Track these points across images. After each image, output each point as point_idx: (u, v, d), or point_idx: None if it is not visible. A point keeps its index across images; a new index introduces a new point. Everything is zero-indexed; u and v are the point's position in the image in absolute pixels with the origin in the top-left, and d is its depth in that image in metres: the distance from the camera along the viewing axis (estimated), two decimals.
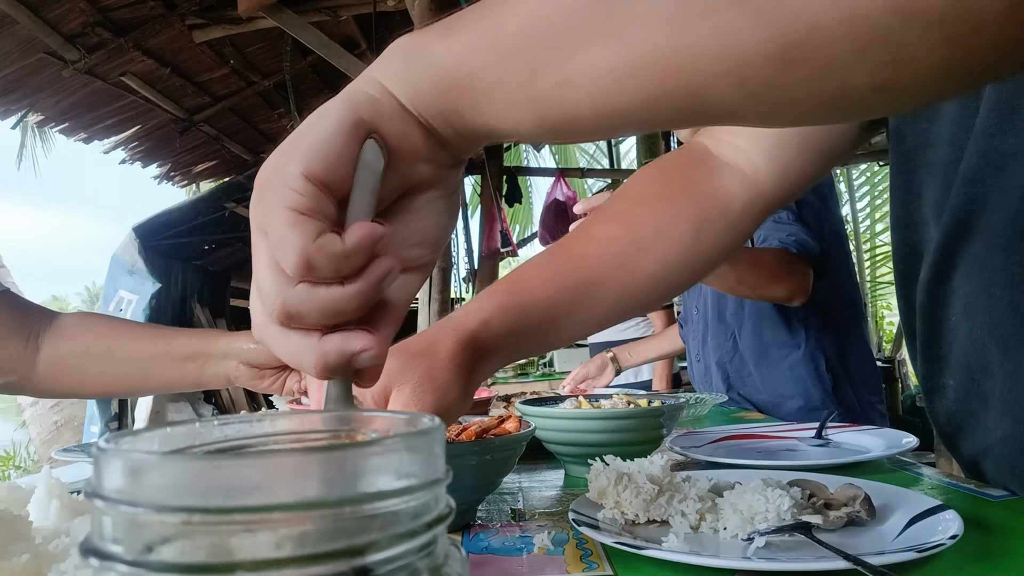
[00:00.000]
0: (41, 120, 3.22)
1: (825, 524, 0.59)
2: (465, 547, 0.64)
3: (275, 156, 0.37)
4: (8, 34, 2.57)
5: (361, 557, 0.23)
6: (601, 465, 0.67)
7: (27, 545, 0.41)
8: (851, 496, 0.62)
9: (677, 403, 0.96)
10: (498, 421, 0.79)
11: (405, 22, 2.92)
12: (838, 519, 0.60)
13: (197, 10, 2.90)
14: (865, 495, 0.62)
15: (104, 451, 0.24)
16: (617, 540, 0.57)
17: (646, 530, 0.63)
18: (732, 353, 1.61)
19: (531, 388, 3.28)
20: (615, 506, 0.64)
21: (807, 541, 0.55)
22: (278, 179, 0.36)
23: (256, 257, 0.37)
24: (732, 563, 0.53)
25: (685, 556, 0.53)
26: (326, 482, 0.24)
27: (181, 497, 0.23)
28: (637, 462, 0.69)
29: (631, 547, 0.55)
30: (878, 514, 0.62)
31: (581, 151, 8.06)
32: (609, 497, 0.65)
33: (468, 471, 0.67)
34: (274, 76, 3.55)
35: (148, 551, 0.23)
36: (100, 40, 2.80)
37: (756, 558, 0.54)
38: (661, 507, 0.63)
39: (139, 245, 4.09)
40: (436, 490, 0.27)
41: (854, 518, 0.61)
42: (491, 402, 1.20)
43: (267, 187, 0.36)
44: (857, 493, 0.62)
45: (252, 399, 4.83)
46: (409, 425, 0.32)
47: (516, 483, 0.91)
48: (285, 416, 0.36)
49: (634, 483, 0.64)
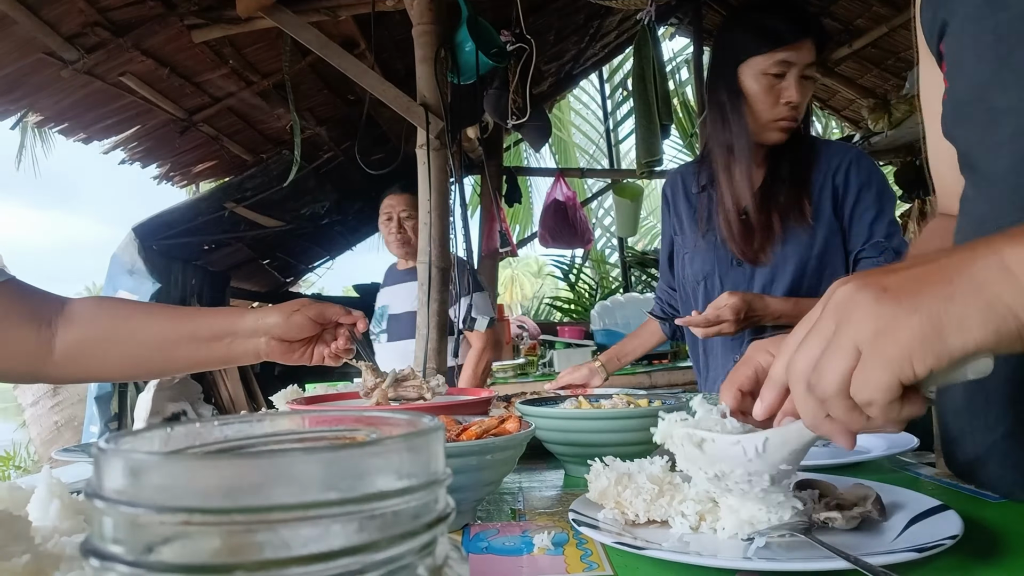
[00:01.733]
0: (40, 120, 3.21)
1: (840, 524, 0.59)
2: (465, 547, 0.64)
3: (909, 331, 0.45)
4: (7, 34, 2.56)
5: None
6: (601, 466, 0.67)
7: (27, 545, 0.41)
8: (862, 496, 0.62)
9: (677, 403, 0.96)
10: (498, 421, 0.79)
11: (404, 22, 2.91)
12: (852, 519, 0.60)
13: (196, 10, 2.90)
14: (876, 495, 0.62)
15: (104, 451, 0.24)
16: (617, 540, 0.57)
17: (646, 530, 0.63)
18: (739, 350, 1.61)
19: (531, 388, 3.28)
20: (615, 506, 0.64)
21: (807, 541, 0.55)
22: (904, 356, 0.44)
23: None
24: (732, 563, 0.53)
25: (685, 556, 0.53)
26: (326, 482, 0.24)
27: (181, 497, 0.23)
28: (637, 462, 0.69)
29: (631, 547, 0.55)
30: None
31: (581, 151, 8.06)
32: (609, 497, 0.65)
33: (468, 471, 0.67)
34: (273, 76, 3.55)
35: (148, 551, 0.23)
36: (99, 40, 2.80)
37: (756, 558, 0.54)
38: (661, 507, 0.63)
39: (139, 245, 4.09)
40: (436, 490, 0.27)
41: (867, 518, 0.61)
42: (491, 402, 1.20)
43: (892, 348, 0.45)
44: (868, 493, 0.62)
45: (252, 399, 4.82)
46: (409, 426, 0.32)
47: (516, 483, 0.91)
48: (285, 416, 0.36)
49: (634, 483, 0.64)
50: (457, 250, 2.63)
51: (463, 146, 3.86)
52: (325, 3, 2.87)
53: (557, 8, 4.41)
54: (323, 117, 4.23)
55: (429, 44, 2.66)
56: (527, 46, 3.12)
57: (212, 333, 1.01)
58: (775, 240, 1.55)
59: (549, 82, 5.19)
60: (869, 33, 4.50)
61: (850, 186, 1.54)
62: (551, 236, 5.12)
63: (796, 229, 1.53)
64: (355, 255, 6.59)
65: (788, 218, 1.54)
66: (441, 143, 2.60)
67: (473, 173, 5.24)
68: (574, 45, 5.18)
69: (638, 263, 6.29)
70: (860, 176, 1.54)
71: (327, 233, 5.74)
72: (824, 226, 1.54)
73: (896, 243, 1.52)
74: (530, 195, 7.68)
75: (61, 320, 0.99)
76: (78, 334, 0.99)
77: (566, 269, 6.87)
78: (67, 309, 1.00)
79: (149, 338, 1.01)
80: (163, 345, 1.01)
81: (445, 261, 2.56)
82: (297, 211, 4.92)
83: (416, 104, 2.61)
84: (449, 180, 2.64)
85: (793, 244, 1.54)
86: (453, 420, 0.82)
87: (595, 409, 0.93)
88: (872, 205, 1.53)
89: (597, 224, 7.76)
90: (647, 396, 1.08)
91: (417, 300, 2.46)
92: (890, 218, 1.54)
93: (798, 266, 1.54)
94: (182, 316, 1.04)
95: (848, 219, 1.55)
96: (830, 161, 1.56)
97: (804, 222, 1.53)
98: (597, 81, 6.84)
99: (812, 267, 1.54)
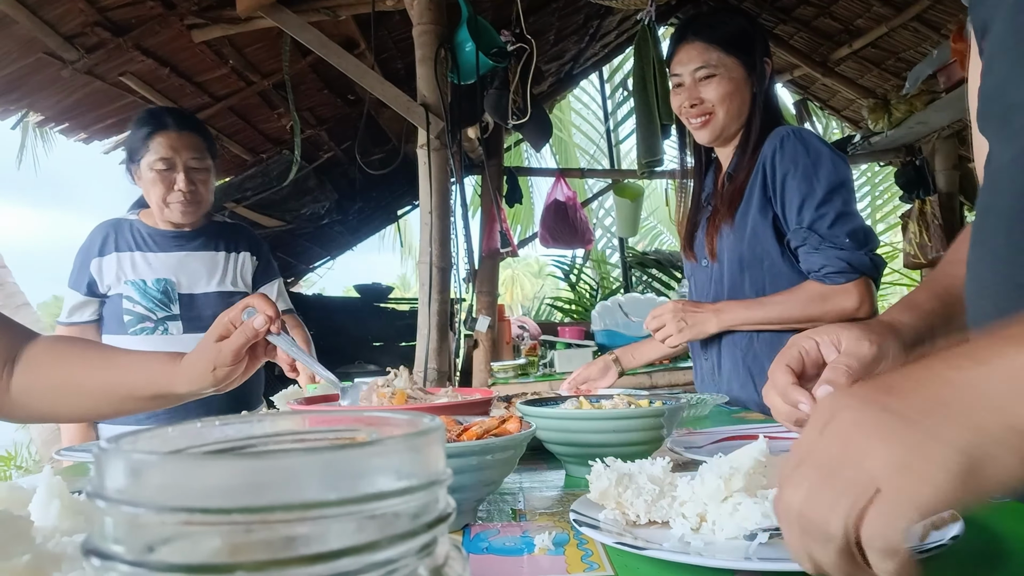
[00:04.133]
0: (40, 120, 3.21)
1: None
2: (465, 547, 0.64)
3: (890, 483, 0.39)
4: (7, 34, 2.56)
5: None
6: (602, 467, 0.67)
7: (28, 545, 0.41)
8: None
9: (677, 404, 0.96)
10: (499, 422, 0.79)
11: (404, 22, 2.92)
12: None
13: (196, 10, 2.90)
14: None
15: (105, 451, 0.24)
16: (618, 540, 0.57)
17: (647, 531, 0.63)
18: (747, 349, 1.60)
19: (532, 388, 3.28)
20: (616, 507, 0.64)
21: None
22: (883, 519, 0.39)
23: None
24: (731, 563, 0.53)
25: (685, 557, 0.53)
26: (326, 482, 0.24)
27: (182, 497, 0.23)
28: (638, 463, 0.69)
29: (632, 548, 0.55)
30: None
31: (581, 151, 8.06)
32: (610, 498, 0.65)
33: (469, 471, 0.67)
34: (273, 76, 3.55)
35: (149, 551, 0.23)
36: (99, 40, 2.80)
37: (756, 558, 0.54)
38: (663, 508, 0.63)
39: None
40: (436, 490, 0.27)
41: None
42: (492, 402, 1.20)
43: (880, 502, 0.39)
44: None
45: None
46: (410, 426, 0.32)
47: (517, 483, 0.91)
48: (285, 416, 0.36)
49: (635, 484, 0.64)
50: (458, 250, 2.62)
51: (463, 146, 3.86)
52: (325, 3, 2.87)
53: (557, 8, 4.41)
54: (323, 117, 4.23)
55: (429, 44, 2.66)
56: (527, 46, 3.13)
57: (149, 394, 1.02)
58: (714, 237, 1.61)
59: (549, 82, 5.19)
60: (869, 33, 4.50)
61: (776, 172, 1.52)
62: (551, 236, 5.12)
63: (727, 224, 1.59)
64: (355, 255, 6.60)
65: (719, 214, 1.61)
66: (441, 143, 2.60)
67: (473, 173, 5.24)
68: (574, 45, 5.18)
69: (638, 263, 6.29)
70: (784, 161, 1.51)
71: (327, 233, 5.74)
72: (752, 217, 1.55)
73: (823, 227, 1.45)
74: (531, 195, 7.68)
75: (21, 360, 1.00)
76: (29, 380, 0.99)
77: (567, 269, 6.87)
78: (28, 349, 1.01)
79: (92, 390, 1.02)
80: (108, 398, 1.02)
81: (445, 261, 2.56)
82: (297, 211, 4.92)
83: (416, 104, 2.61)
84: (450, 180, 2.65)
85: (727, 239, 1.59)
86: (453, 420, 0.82)
87: (595, 409, 0.93)
88: (797, 190, 1.49)
89: (598, 224, 7.76)
90: (648, 396, 1.08)
91: (220, 277, 2.01)
92: (819, 200, 1.46)
93: (733, 259, 1.59)
94: (121, 369, 1.03)
95: (779, 207, 1.53)
96: (764, 149, 1.56)
97: (729, 217, 1.58)
98: (597, 81, 6.84)
99: (747, 259, 1.57)
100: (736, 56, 1.57)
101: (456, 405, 0.99)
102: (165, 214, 1.96)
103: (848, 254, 1.43)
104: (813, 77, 5.16)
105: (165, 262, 1.96)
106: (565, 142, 8.06)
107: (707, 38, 1.57)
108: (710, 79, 1.57)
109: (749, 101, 1.60)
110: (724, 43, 1.56)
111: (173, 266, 1.96)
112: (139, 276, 1.93)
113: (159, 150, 1.90)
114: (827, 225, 1.45)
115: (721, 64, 1.56)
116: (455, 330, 3.17)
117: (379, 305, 5.84)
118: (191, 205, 1.95)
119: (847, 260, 1.43)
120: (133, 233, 1.99)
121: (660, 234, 9.98)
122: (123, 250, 1.96)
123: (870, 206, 7.43)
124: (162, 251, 1.98)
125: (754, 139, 1.59)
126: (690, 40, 1.59)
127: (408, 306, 5.97)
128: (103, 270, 1.93)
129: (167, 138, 1.91)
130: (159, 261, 1.96)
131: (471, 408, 0.97)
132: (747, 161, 1.59)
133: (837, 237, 1.44)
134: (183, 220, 1.97)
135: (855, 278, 1.44)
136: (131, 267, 1.94)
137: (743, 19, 1.64)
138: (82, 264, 1.95)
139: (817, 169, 1.48)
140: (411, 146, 2.61)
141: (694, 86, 1.58)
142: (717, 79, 1.57)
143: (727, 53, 1.56)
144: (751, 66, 1.58)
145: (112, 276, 1.93)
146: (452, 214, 2.58)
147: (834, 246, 1.43)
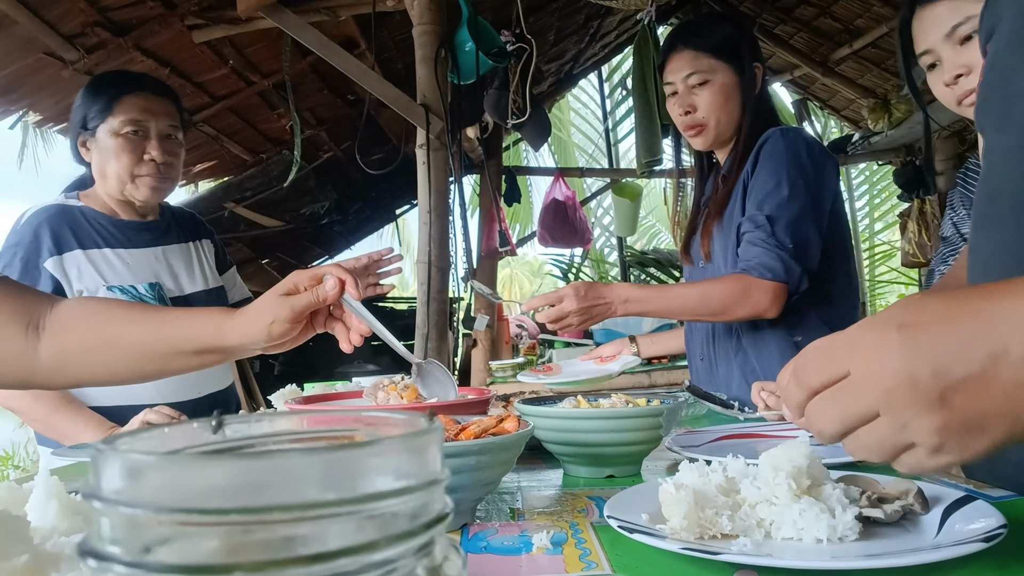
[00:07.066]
0: (40, 120, 3.21)
1: (884, 518, 0.59)
2: (464, 547, 0.64)
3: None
4: (7, 34, 2.56)
5: None
6: (672, 487, 0.60)
7: (26, 545, 0.41)
8: (904, 490, 0.62)
9: (676, 403, 0.96)
10: (497, 421, 0.79)
11: (405, 22, 2.92)
12: (895, 512, 0.59)
13: (196, 10, 2.90)
14: (918, 488, 0.62)
15: (103, 451, 0.24)
16: (684, 547, 0.54)
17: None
18: (737, 349, 1.61)
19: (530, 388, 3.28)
20: (699, 529, 0.59)
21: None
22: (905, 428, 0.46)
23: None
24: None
25: (770, 560, 0.52)
26: (324, 482, 0.24)
27: (179, 498, 0.23)
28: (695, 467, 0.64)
29: (707, 553, 0.53)
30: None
31: (580, 151, 8.05)
32: (694, 524, 0.58)
33: (467, 471, 0.67)
34: (274, 76, 3.55)
35: (146, 552, 0.23)
36: (99, 40, 2.80)
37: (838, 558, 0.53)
38: (742, 520, 0.59)
39: None
40: (434, 490, 0.27)
41: (909, 511, 0.61)
42: (490, 402, 1.20)
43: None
44: (910, 487, 0.62)
45: (251, 399, 4.82)
46: (408, 426, 0.32)
47: (515, 483, 0.91)
48: (285, 416, 0.36)
49: (712, 503, 0.60)
50: (456, 250, 2.61)
51: (463, 146, 3.86)
52: (325, 3, 2.87)
53: (557, 8, 4.42)
54: (323, 117, 4.23)
55: (429, 44, 2.66)
56: (527, 46, 3.13)
57: (195, 348, 0.95)
58: (707, 238, 1.63)
59: (549, 82, 5.19)
60: (869, 33, 4.50)
61: (754, 167, 1.54)
62: (550, 235, 5.12)
63: (717, 225, 1.61)
64: (354, 254, 6.60)
65: (711, 215, 1.63)
66: (441, 143, 2.60)
67: (473, 173, 5.24)
68: (574, 45, 5.18)
69: (637, 262, 6.30)
70: (762, 158, 1.52)
71: (327, 233, 5.74)
72: (737, 215, 1.56)
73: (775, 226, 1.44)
74: (530, 194, 7.67)
75: (47, 323, 0.94)
76: (61, 341, 0.94)
77: (565, 268, 6.87)
78: (54, 312, 0.95)
79: (132, 348, 0.96)
80: (150, 355, 0.96)
81: (444, 260, 2.56)
82: (297, 211, 4.92)
83: (416, 104, 2.61)
84: (449, 180, 2.65)
85: (718, 239, 1.61)
86: (451, 420, 0.82)
87: (594, 409, 0.93)
88: (764, 184, 1.49)
89: (596, 223, 7.76)
90: (646, 396, 1.08)
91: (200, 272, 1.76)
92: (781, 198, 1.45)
93: (726, 259, 1.59)
94: (165, 324, 0.96)
95: (749, 196, 1.53)
96: (754, 152, 1.56)
97: (719, 217, 1.60)
98: (596, 81, 6.84)
99: (733, 259, 1.57)
100: (727, 62, 1.59)
101: (455, 405, 0.99)
102: (127, 191, 1.61)
103: (787, 258, 1.43)
104: (813, 77, 5.16)
105: (142, 260, 1.64)
106: (564, 141, 8.05)
107: (696, 46, 1.59)
108: (703, 85, 1.59)
109: (741, 106, 1.60)
110: (713, 50, 1.58)
111: (152, 264, 1.66)
112: (122, 281, 1.58)
113: (129, 111, 1.58)
114: (783, 224, 1.45)
115: (712, 70, 1.58)
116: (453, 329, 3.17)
117: (378, 304, 5.84)
118: (165, 181, 1.64)
119: (783, 263, 1.43)
120: (92, 224, 1.61)
121: (658, 233, 9.98)
122: (89, 247, 1.58)
123: (868, 205, 7.43)
124: (135, 247, 1.64)
125: (745, 142, 1.59)
126: (679, 49, 1.61)
127: (407, 305, 5.97)
128: (67, 270, 1.55)
129: (140, 99, 1.60)
130: (134, 259, 1.63)
131: (467, 408, 0.97)
132: (738, 163, 1.59)
133: (784, 239, 1.44)
134: (151, 199, 1.65)
135: (780, 282, 1.44)
136: (108, 268, 1.59)
137: (731, 26, 1.65)
138: (27, 264, 1.53)
139: (789, 168, 1.48)
140: (411, 146, 2.61)
141: (687, 93, 1.60)
142: (709, 85, 1.59)
143: (717, 59, 1.58)
144: (741, 71, 1.59)
145: (88, 278, 1.55)
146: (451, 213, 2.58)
147: (778, 245, 1.44)
